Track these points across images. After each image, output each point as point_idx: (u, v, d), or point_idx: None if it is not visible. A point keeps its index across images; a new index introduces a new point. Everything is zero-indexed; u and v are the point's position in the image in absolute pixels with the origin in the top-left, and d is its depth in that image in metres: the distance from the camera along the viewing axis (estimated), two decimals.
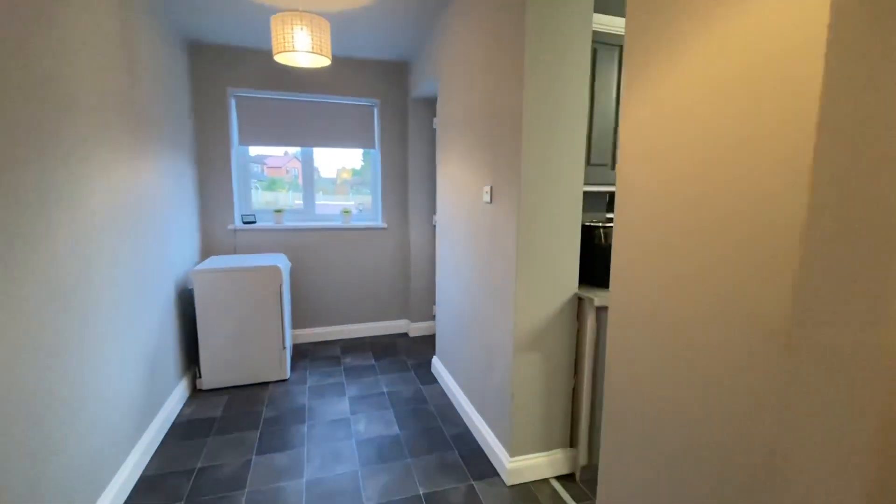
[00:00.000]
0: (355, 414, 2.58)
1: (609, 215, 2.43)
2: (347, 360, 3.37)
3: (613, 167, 2.14)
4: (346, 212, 3.74)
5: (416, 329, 3.94)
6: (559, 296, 1.96)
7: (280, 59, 2.33)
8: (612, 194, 2.49)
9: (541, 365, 1.98)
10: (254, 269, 2.85)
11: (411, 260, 3.85)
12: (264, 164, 3.77)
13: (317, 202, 3.80)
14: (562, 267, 1.94)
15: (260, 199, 3.72)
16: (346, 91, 3.59)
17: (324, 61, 2.38)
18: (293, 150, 3.72)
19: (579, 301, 1.98)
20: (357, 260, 3.81)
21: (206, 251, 3.42)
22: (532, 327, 1.93)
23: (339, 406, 2.68)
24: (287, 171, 3.91)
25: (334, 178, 3.94)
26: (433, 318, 3.97)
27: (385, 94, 3.69)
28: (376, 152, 3.82)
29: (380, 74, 3.65)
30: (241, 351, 2.89)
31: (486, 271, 2.18)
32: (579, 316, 1.99)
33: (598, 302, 1.86)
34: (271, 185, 3.80)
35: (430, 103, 3.70)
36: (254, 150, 3.63)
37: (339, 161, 3.87)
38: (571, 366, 2.03)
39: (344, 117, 3.69)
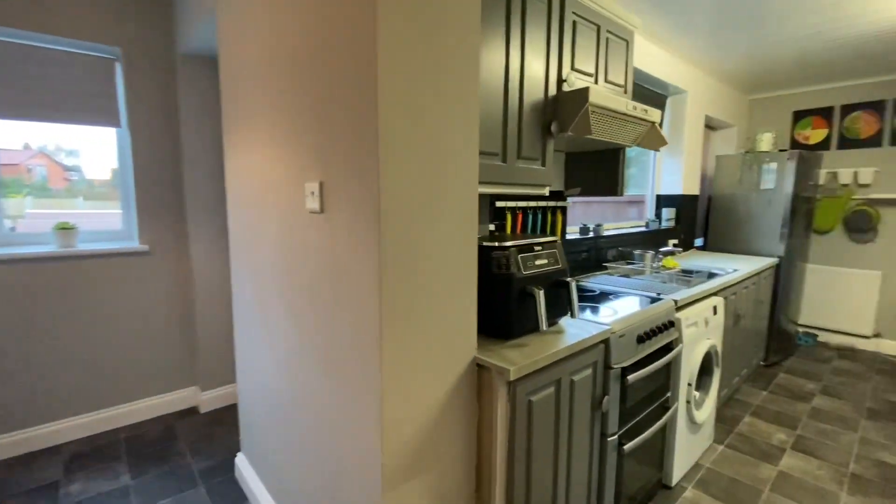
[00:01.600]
0: None
1: (492, 227, 1.76)
2: (74, 488, 1.93)
3: (520, 157, 1.46)
4: (65, 227, 2.22)
5: (212, 400, 2.65)
6: (451, 367, 1.16)
7: None
8: (499, 197, 1.83)
9: (428, 498, 1.14)
10: None
11: (197, 297, 2.55)
12: None
13: (29, 211, 2.18)
14: (453, 317, 1.15)
15: None
16: (59, 27, 2.11)
17: None
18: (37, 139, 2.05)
19: (480, 371, 1.23)
20: (96, 306, 2.32)
21: None
22: (411, 434, 1.09)
23: None
24: (29, 170, 2.27)
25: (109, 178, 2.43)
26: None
27: (132, 39, 2.32)
28: (123, 132, 2.41)
29: (120, 5, 2.27)
30: None
31: (322, 330, 1.23)
32: (481, 395, 1.23)
33: (513, 373, 1.13)
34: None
35: (214, 62, 2.49)
36: None
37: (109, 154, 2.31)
38: (472, 482, 1.26)
39: (60, 73, 2.18)
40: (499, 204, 1.84)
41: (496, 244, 1.30)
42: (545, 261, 1.39)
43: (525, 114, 1.48)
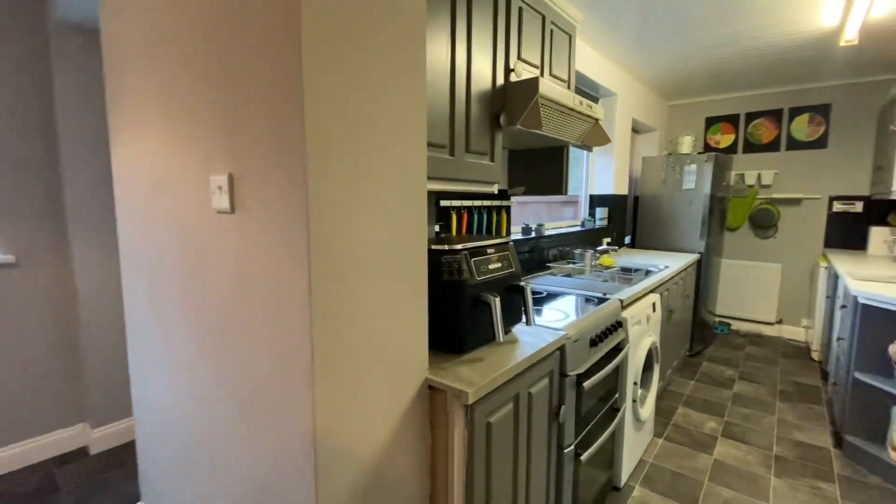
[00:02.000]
0: None
1: (437, 229, 1.61)
2: None
3: (469, 150, 1.32)
4: None
5: (105, 438, 2.23)
6: (399, 393, 0.99)
7: None
8: (444, 196, 1.68)
9: None
10: None
11: (81, 317, 2.13)
12: None
13: None
14: (402, 333, 0.98)
15: None
16: None
17: None
18: None
19: (433, 394, 1.07)
20: None
21: None
22: (354, 479, 0.90)
23: None
24: None
25: None
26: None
27: None
28: None
29: None
30: None
31: (235, 358, 1.00)
32: (434, 421, 1.08)
33: (472, 395, 0.98)
34: None
35: (96, 32, 2.08)
36: None
37: None
38: None
39: None
40: (443, 203, 1.70)
41: (446, 247, 1.15)
42: (499, 264, 1.26)
43: (473, 103, 1.35)
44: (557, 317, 1.58)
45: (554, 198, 3.56)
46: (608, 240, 3.54)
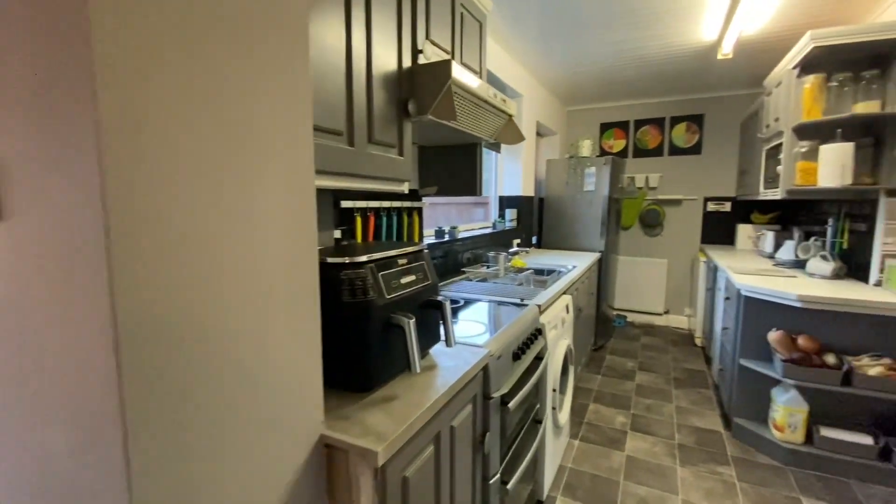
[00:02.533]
0: None
1: (338, 235, 1.35)
2: None
3: (372, 141, 1.09)
4: None
5: None
6: (280, 463, 0.73)
7: None
8: (345, 195, 1.42)
9: None
10: None
11: None
12: None
13: None
14: (282, 378, 0.72)
15: None
16: None
17: None
18: None
19: (331, 453, 0.82)
20: None
21: None
22: None
23: None
24: None
25: None
26: None
27: None
28: None
29: None
30: None
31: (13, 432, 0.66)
32: (334, 487, 0.83)
33: (382, 454, 0.76)
34: None
35: None
36: None
37: None
38: None
39: None
40: (345, 204, 1.44)
41: (346, 259, 0.92)
42: (413, 277, 1.06)
43: (375, 84, 1.12)
44: (477, 330, 1.42)
45: (464, 199, 3.46)
46: (518, 241, 3.54)
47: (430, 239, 2.28)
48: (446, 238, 2.37)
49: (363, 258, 0.93)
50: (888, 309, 1.87)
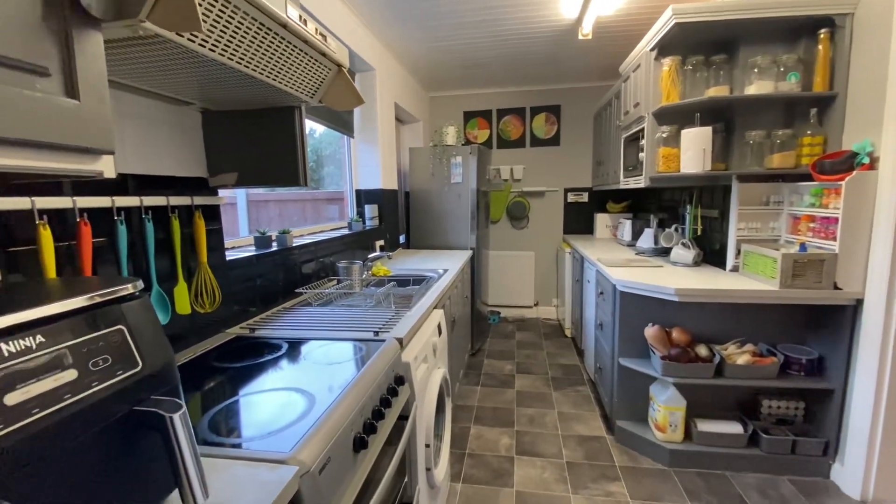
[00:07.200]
0: None
1: None
2: None
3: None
4: None
5: None
6: None
7: None
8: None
9: None
10: None
11: None
12: None
13: None
14: None
15: None
16: None
17: None
18: None
19: None
20: None
21: None
22: None
23: None
24: None
25: None
26: None
27: None
28: None
29: None
30: None
31: None
32: None
33: None
34: None
35: None
36: None
37: None
38: None
39: None
40: (3, 203, 0.72)
41: None
42: (76, 372, 0.44)
43: None
44: (290, 411, 0.85)
45: (312, 193, 2.80)
46: (381, 243, 3.01)
47: (244, 251, 1.61)
48: (273, 247, 1.72)
49: None
50: (754, 295, 1.83)
